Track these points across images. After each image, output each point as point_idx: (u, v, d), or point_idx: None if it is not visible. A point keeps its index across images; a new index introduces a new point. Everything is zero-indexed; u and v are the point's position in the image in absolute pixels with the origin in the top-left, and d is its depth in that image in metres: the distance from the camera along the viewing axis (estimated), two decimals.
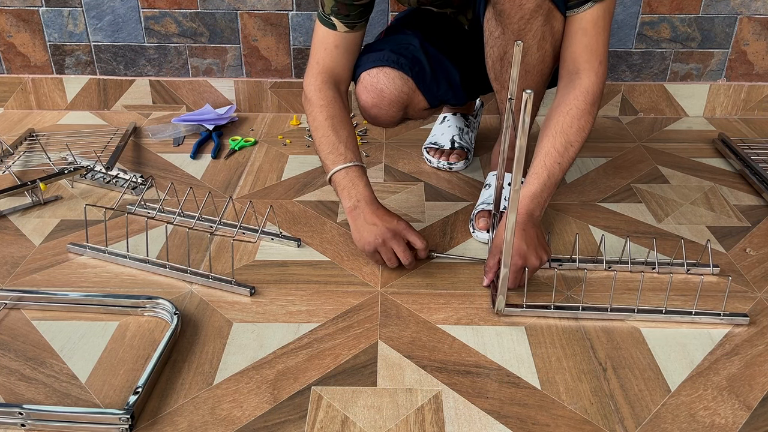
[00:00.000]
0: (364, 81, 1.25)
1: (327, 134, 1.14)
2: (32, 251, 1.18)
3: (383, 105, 1.24)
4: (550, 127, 1.07)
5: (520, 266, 1.03)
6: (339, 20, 1.13)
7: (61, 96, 1.81)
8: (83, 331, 0.99)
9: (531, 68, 1.12)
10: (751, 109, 1.80)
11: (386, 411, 0.85)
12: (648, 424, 0.83)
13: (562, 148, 1.05)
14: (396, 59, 1.24)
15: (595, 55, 1.05)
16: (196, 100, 1.82)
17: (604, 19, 1.05)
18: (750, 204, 1.36)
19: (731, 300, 1.06)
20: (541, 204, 1.06)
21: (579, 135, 1.05)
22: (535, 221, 1.06)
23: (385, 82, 1.23)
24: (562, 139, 1.05)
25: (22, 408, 0.81)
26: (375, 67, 1.24)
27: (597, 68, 1.05)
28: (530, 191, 1.05)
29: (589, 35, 1.05)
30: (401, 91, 1.24)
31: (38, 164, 1.50)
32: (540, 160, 1.06)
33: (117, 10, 1.70)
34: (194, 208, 1.30)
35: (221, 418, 0.84)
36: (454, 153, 1.49)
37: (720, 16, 1.69)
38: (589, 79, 1.05)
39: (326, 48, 1.17)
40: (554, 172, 1.05)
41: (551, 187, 1.06)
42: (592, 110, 1.06)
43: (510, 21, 1.06)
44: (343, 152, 1.12)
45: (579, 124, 1.05)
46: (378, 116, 1.28)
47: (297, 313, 1.03)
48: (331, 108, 1.15)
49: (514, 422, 0.83)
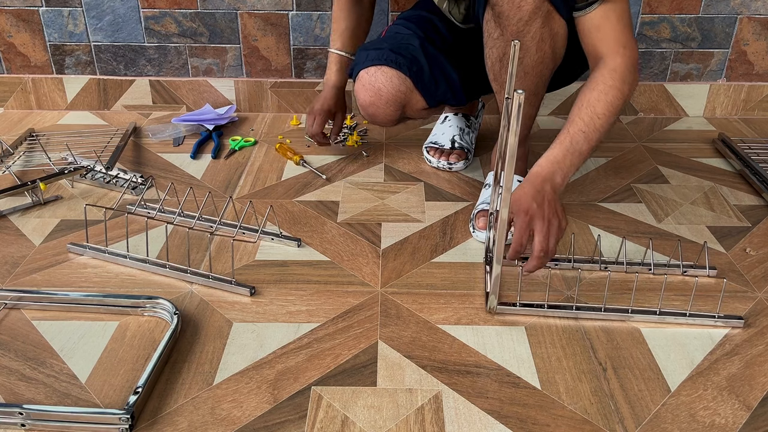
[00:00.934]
0: (362, 79, 1.25)
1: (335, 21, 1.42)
2: (32, 251, 1.18)
3: (380, 104, 1.25)
4: (577, 102, 1.05)
5: (525, 224, 0.97)
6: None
7: (61, 96, 1.81)
8: (83, 331, 0.99)
9: (529, 69, 1.12)
10: (751, 109, 1.80)
11: (386, 411, 0.85)
12: (648, 424, 0.83)
13: (587, 118, 1.03)
14: (394, 58, 1.24)
15: (616, 41, 1.04)
16: (196, 100, 1.82)
17: (615, 12, 1.04)
18: (750, 204, 1.36)
19: (731, 300, 1.06)
20: (564, 170, 1.03)
21: (607, 108, 1.03)
22: (555, 186, 1.01)
23: (383, 81, 1.23)
24: (588, 111, 1.03)
25: (22, 408, 0.81)
26: (373, 65, 1.24)
27: (621, 51, 1.04)
28: (551, 155, 1.03)
29: (603, 29, 1.04)
30: (398, 91, 1.24)
31: (38, 164, 1.50)
32: (564, 128, 1.04)
33: (117, 10, 1.70)
34: (194, 208, 1.30)
35: (221, 418, 0.84)
36: (454, 153, 1.49)
37: (720, 16, 1.69)
38: (614, 61, 1.04)
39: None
40: (578, 140, 1.03)
41: (574, 154, 1.03)
42: (621, 87, 1.03)
43: (509, 23, 1.06)
44: (336, 39, 1.42)
45: (606, 98, 1.03)
46: (375, 115, 1.28)
47: (297, 313, 1.03)
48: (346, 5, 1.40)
49: (514, 422, 0.83)
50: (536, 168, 1.04)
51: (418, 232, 1.25)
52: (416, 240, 1.22)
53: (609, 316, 1.01)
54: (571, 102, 1.80)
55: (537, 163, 1.04)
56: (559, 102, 1.80)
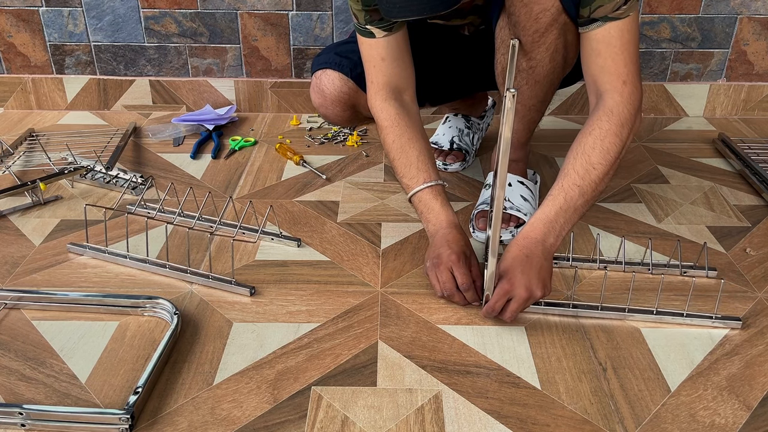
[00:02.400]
0: (312, 82, 1.31)
1: (397, 157, 1.11)
2: (32, 251, 1.18)
3: (328, 104, 1.29)
4: (572, 150, 1.00)
5: (504, 292, 0.94)
6: (375, 26, 1.09)
7: (61, 96, 1.81)
8: (83, 331, 0.99)
9: (541, 78, 1.12)
10: (751, 109, 1.80)
11: (386, 411, 0.85)
12: (648, 424, 0.83)
13: (582, 170, 0.97)
14: (338, 61, 1.27)
15: (615, 75, 0.98)
16: (196, 100, 1.82)
17: (621, 38, 0.97)
18: (750, 204, 1.36)
19: (731, 300, 1.06)
20: (557, 230, 0.97)
21: (603, 157, 0.97)
22: (546, 250, 0.96)
23: (326, 83, 1.27)
24: (582, 160, 0.97)
25: (22, 408, 0.81)
26: (319, 69, 1.29)
27: (621, 89, 0.98)
28: (543, 215, 0.98)
29: (603, 56, 0.99)
30: (341, 92, 1.27)
31: (38, 164, 1.50)
32: (558, 182, 0.99)
33: (117, 10, 1.70)
34: (194, 208, 1.30)
35: (221, 418, 0.84)
36: (451, 154, 1.49)
37: (720, 16, 1.69)
38: (613, 100, 0.98)
39: (375, 65, 1.13)
40: (572, 196, 0.97)
41: (568, 211, 0.97)
42: (619, 132, 0.97)
43: (524, 33, 1.05)
44: (414, 174, 1.09)
45: (603, 145, 0.97)
46: (327, 115, 1.32)
47: (297, 313, 1.03)
48: (396, 128, 1.12)
49: (514, 422, 0.83)
50: (528, 228, 0.99)
51: (418, 232, 1.25)
52: (416, 240, 1.22)
53: (606, 314, 1.01)
54: (571, 102, 1.80)
55: (529, 222, 0.99)
56: (559, 102, 1.80)
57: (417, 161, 1.10)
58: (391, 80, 1.14)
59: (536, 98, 1.16)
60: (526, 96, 1.16)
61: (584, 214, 1.01)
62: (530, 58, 1.08)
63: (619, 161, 0.99)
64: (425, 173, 1.10)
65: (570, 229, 1.00)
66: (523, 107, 1.19)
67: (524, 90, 1.14)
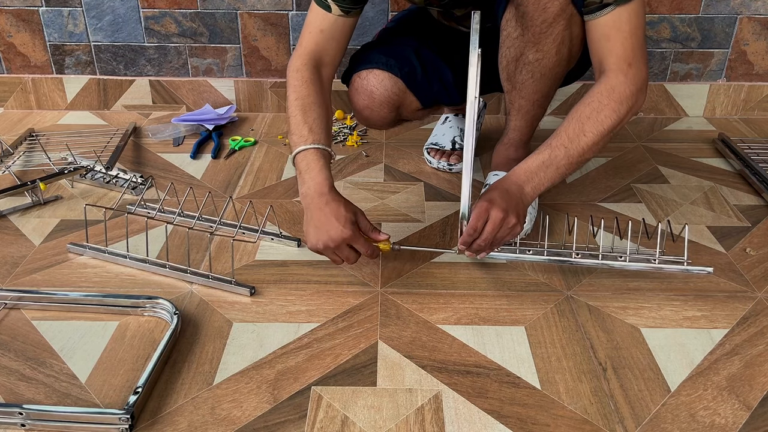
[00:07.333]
0: (355, 84, 1.27)
1: (294, 114, 1.08)
2: (32, 251, 1.18)
3: (374, 106, 1.26)
4: (568, 115, 1.02)
5: (483, 211, 0.97)
6: (335, 3, 1.10)
7: (61, 96, 1.81)
8: (83, 331, 0.99)
9: (547, 71, 1.12)
10: (751, 109, 1.80)
11: (386, 411, 0.85)
12: (648, 424, 0.83)
13: (573, 135, 1.00)
14: (385, 61, 1.25)
15: (623, 58, 0.99)
16: (196, 100, 1.82)
17: (630, 23, 0.98)
18: (750, 204, 1.36)
19: (731, 300, 1.06)
20: (535, 182, 1.00)
21: (595, 127, 0.99)
22: (523, 193, 1.00)
23: (375, 83, 1.25)
24: (575, 126, 1.00)
25: (22, 408, 0.81)
26: (365, 69, 1.26)
27: (626, 70, 0.99)
28: (526, 165, 1.01)
29: (612, 40, 1.00)
30: (391, 92, 1.25)
31: (38, 164, 1.50)
32: (547, 141, 1.01)
33: (117, 10, 1.70)
34: (194, 208, 1.30)
35: (221, 418, 0.84)
36: (454, 154, 1.49)
37: (720, 16, 1.69)
38: (617, 79, 1.00)
39: (311, 32, 1.13)
40: (557, 155, 1.00)
41: (550, 168, 1.00)
42: (617, 108, 0.99)
43: (532, 23, 1.05)
44: (305, 134, 1.05)
45: (598, 117, 0.99)
46: (370, 117, 1.29)
47: (297, 313, 1.03)
48: (303, 88, 1.10)
49: (514, 422, 0.83)
50: (509, 174, 1.02)
51: (418, 232, 1.25)
52: (416, 240, 1.22)
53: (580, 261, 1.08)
54: (572, 102, 1.80)
55: (512, 170, 1.03)
56: (559, 102, 1.80)
57: (313, 123, 1.06)
58: (319, 52, 1.13)
59: (540, 93, 1.17)
60: (530, 90, 1.16)
61: (566, 176, 1.03)
62: (537, 50, 1.09)
63: (612, 135, 1.01)
64: (317, 135, 1.06)
65: (548, 186, 1.01)
66: (527, 102, 1.19)
67: (529, 84, 1.15)
